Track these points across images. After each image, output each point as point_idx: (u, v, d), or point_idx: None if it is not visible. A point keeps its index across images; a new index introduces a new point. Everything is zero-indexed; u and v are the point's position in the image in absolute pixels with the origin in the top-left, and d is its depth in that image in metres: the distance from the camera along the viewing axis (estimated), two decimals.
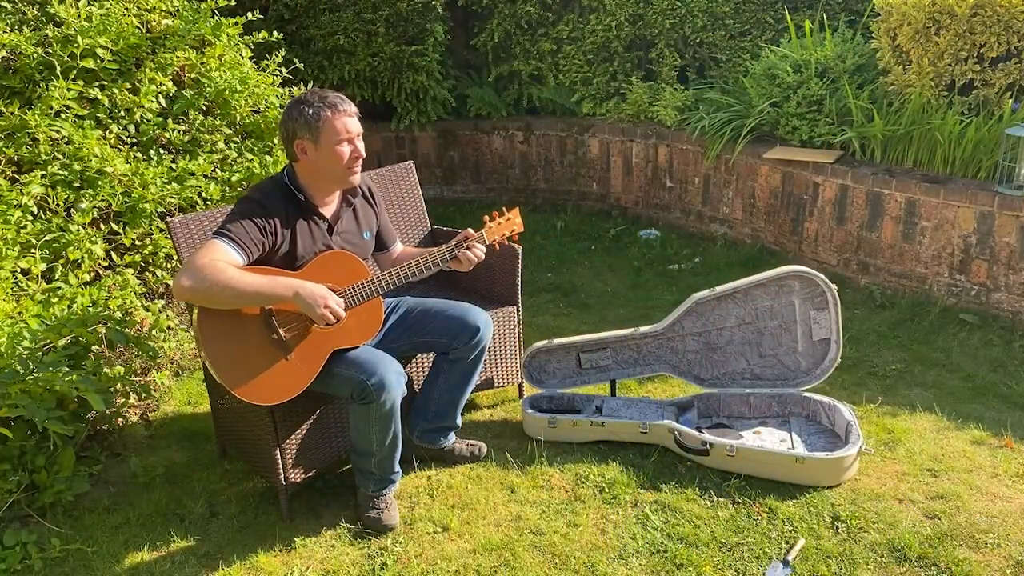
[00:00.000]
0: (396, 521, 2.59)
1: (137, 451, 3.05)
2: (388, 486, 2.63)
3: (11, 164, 3.16)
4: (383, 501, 2.61)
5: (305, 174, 2.48)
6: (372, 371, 2.41)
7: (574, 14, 5.62)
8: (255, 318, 2.37)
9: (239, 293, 2.26)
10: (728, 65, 5.26)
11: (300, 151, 2.42)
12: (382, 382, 2.40)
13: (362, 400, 2.43)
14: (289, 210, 2.45)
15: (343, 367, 2.46)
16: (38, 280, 2.99)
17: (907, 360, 3.61)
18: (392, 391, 2.43)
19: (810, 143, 4.52)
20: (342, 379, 2.46)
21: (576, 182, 5.78)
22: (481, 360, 2.78)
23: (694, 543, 2.48)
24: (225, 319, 2.32)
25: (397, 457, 2.61)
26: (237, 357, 2.33)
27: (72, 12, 3.39)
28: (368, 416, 2.46)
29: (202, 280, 2.22)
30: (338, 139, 2.41)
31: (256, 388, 2.34)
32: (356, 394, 2.43)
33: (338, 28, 5.46)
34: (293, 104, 2.42)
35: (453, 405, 2.82)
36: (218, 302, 2.28)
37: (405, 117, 5.73)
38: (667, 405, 3.10)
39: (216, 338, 2.31)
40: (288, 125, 2.42)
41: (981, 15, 3.90)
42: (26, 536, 2.54)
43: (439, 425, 2.84)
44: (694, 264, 4.79)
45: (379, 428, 2.49)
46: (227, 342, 2.32)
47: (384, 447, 2.54)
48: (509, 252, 3.16)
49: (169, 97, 3.58)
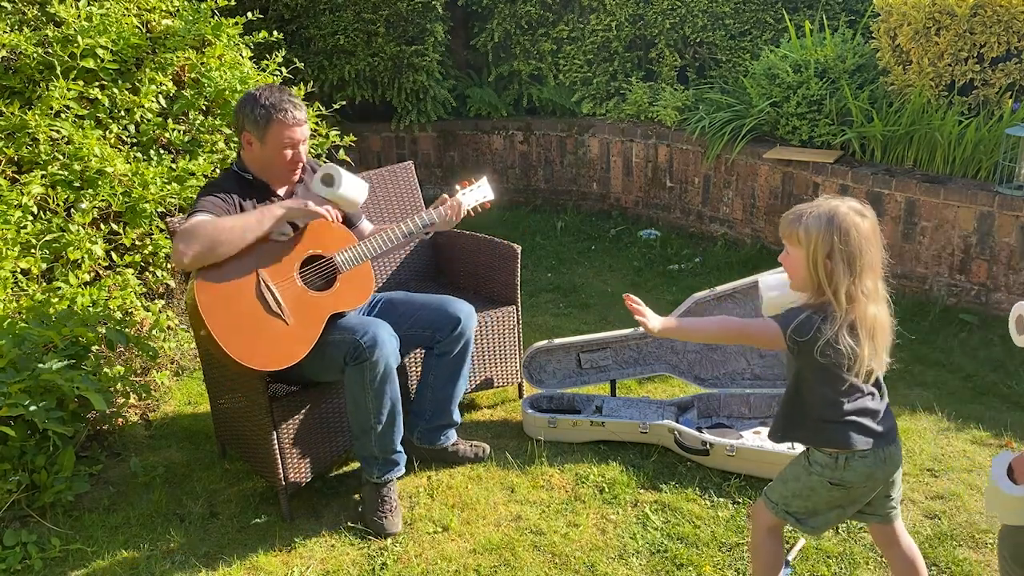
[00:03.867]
0: (399, 528, 2.59)
1: (137, 451, 3.05)
2: (392, 469, 2.62)
3: (11, 164, 3.16)
4: (387, 503, 2.60)
5: (251, 162, 2.60)
6: (364, 330, 2.47)
7: (574, 14, 5.62)
8: (251, 288, 2.41)
9: (236, 230, 2.37)
10: (728, 65, 5.26)
11: (246, 142, 2.55)
12: (374, 339, 2.45)
13: (356, 360, 2.45)
14: (244, 190, 2.56)
15: (336, 332, 2.50)
16: (38, 280, 2.99)
17: (907, 360, 3.61)
18: (384, 347, 2.46)
19: (810, 143, 4.53)
20: (335, 344, 2.49)
21: (576, 182, 5.78)
22: (467, 353, 2.79)
23: (694, 543, 2.48)
24: (222, 292, 2.36)
25: (398, 434, 2.60)
26: (239, 326, 2.36)
27: (72, 12, 3.39)
28: (363, 380, 2.47)
29: (200, 236, 2.32)
30: (282, 145, 2.52)
31: (261, 355, 2.37)
32: (349, 355, 2.46)
33: (338, 28, 5.46)
34: (249, 98, 2.52)
35: (447, 402, 2.82)
36: (224, 248, 2.35)
37: (405, 117, 5.73)
38: (667, 405, 3.10)
39: (216, 310, 2.34)
40: (239, 116, 2.55)
41: (981, 15, 3.90)
42: (26, 536, 2.54)
43: (437, 424, 2.84)
44: (694, 264, 4.80)
45: (376, 396, 2.50)
46: (227, 314, 2.36)
47: (383, 419, 2.53)
48: (509, 252, 3.16)
49: (169, 97, 3.58)
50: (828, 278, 1.78)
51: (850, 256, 1.76)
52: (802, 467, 1.95)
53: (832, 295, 1.78)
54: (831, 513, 1.98)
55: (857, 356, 1.80)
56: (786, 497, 1.97)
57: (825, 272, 1.78)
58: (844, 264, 1.77)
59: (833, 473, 1.90)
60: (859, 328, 1.80)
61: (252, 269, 2.42)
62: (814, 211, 1.80)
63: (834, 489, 1.90)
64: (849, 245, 1.76)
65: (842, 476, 1.88)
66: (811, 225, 1.78)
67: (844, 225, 1.76)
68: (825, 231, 1.77)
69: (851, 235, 1.76)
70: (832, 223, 1.76)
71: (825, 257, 1.77)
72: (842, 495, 1.93)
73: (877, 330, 1.82)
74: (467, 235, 3.37)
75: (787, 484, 1.97)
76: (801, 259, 1.81)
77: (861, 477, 1.90)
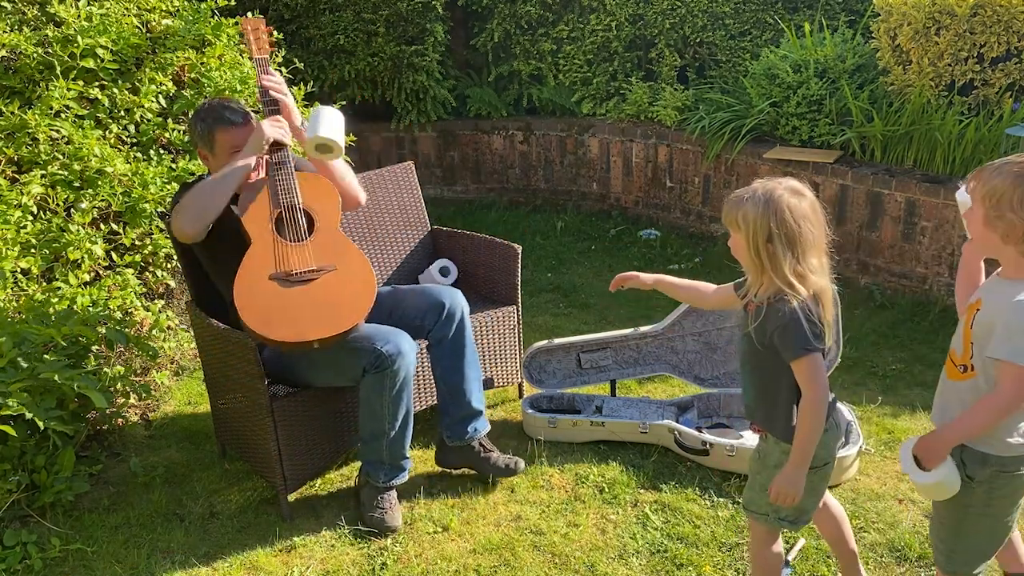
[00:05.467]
0: (399, 523, 2.59)
1: (137, 451, 3.05)
2: (398, 474, 2.64)
3: (11, 164, 3.16)
4: (387, 501, 2.61)
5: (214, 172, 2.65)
6: (386, 339, 2.49)
7: (574, 14, 5.62)
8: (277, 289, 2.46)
9: (210, 182, 2.50)
10: (728, 65, 5.26)
11: (202, 158, 2.69)
12: (397, 348, 2.48)
13: (376, 368, 2.46)
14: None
15: (355, 341, 2.50)
16: (38, 280, 2.99)
17: (907, 360, 3.61)
18: (406, 357, 2.50)
19: (810, 143, 4.53)
20: (356, 351, 2.49)
21: (576, 182, 5.78)
22: (465, 335, 2.79)
23: (694, 543, 2.48)
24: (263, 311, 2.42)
25: (407, 441, 2.62)
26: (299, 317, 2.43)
27: (72, 12, 3.39)
28: (382, 388, 2.49)
29: (186, 207, 2.48)
30: (231, 149, 2.60)
31: (347, 311, 2.46)
32: (370, 363, 2.47)
33: (338, 28, 5.46)
34: (193, 117, 2.65)
35: (460, 390, 2.79)
36: (212, 200, 2.47)
37: (405, 117, 5.73)
38: (667, 405, 3.10)
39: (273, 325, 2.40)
40: (191, 137, 2.71)
41: (981, 15, 3.90)
42: (26, 536, 2.54)
43: (459, 416, 2.81)
44: (694, 264, 4.80)
45: (392, 402, 2.52)
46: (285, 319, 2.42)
47: (396, 425, 2.55)
48: (509, 252, 3.16)
49: (169, 97, 3.58)
50: (771, 260, 1.78)
51: (789, 237, 1.77)
52: (770, 468, 1.95)
53: (778, 278, 1.78)
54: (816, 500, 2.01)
55: (827, 327, 1.82)
56: (772, 504, 1.97)
57: (767, 255, 1.79)
58: (784, 246, 1.77)
59: None
60: (821, 300, 1.82)
61: (264, 277, 2.46)
62: (752, 195, 1.81)
63: (812, 474, 1.91)
64: (787, 227, 1.76)
65: (815, 456, 1.89)
66: (749, 210, 1.79)
67: (780, 207, 1.76)
68: (763, 215, 1.77)
69: (787, 217, 1.76)
70: (769, 206, 1.77)
71: (766, 241, 1.78)
72: (820, 476, 1.95)
73: (829, 304, 1.85)
74: (467, 235, 3.37)
75: (765, 492, 1.97)
76: (743, 244, 1.83)
77: (830, 450, 1.94)
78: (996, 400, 1.70)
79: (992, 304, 1.74)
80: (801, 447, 1.86)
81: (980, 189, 1.70)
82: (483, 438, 2.83)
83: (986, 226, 1.73)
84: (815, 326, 1.79)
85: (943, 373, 1.88)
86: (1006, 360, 1.66)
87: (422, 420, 3.15)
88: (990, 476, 1.79)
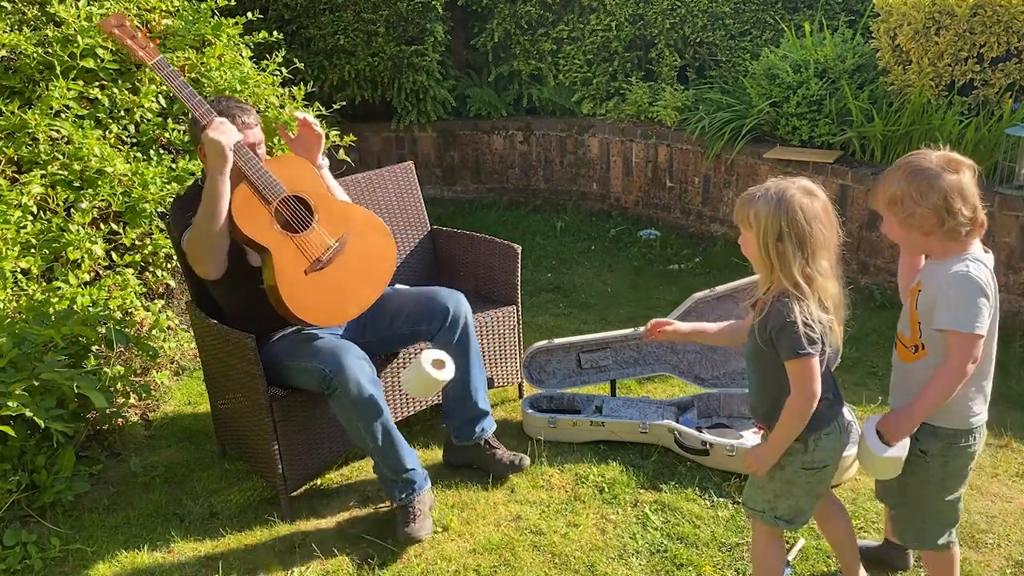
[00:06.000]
0: (425, 532, 2.52)
1: (137, 451, 3.05)
2: (411, 489, 2.56)
3: (11, 164, 3.16)
4: (411, 514, 2.53)
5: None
6: (329, 358, 2.47)
7: (574, 14, 5.62)
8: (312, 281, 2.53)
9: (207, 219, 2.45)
10: (728, 65, 5.26)
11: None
12: (339, 366, 2.44)
13: (328, 390, 2.47)
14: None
15: (303, 359, 2.52)
16: (38, 280, 2.99)
17: None
18: (349, 372, 2.44)
19: (810, 143, 4.52)
20: (305, 372, 2.51)
21: (576, 182, 5.78)
22: (470, 338, 2.79)
23: (694, 543, 2.48)
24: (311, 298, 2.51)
25: (404, 454, 2.55)
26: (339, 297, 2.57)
27: (72, 12, 3.39)
28: (342, 407, 2.49)
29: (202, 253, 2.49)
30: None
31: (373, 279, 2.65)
32: (322, 385, 2.47)
33: (338, 28, 5.45)
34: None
35: (467, 392, 2.79)
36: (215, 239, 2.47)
37: (405, 117, 5.72)
38: (667, 405, 3.10)
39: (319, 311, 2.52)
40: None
41: (981, 15, 3.90)
42: (26, 536, 2.54)
43: (466, 417, 2.81)
44: (694, 264, 4.80)
45: (361, 419, 2.48)
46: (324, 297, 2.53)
47: (378, 440, 2.50)
48: (509, 252, 3.16)
49: (169, 97, 3.58)
50: (780, 260, 1.79)
51: (800, 237, 1.77)
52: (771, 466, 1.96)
53: (786, 278, 1.79)
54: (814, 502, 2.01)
55: (831, 332, 1.84)
56: (769, 501, 1.98)
57: (777, 254, 1.79)
58: (794, 246, 1.78)
59: (804, 458, 1.92)
60: (826, 303, 1.83)
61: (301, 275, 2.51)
62: (764, 194, 1.81)
63: (809, 475, 1.93)
64: (798, 227, 1.77)
65: (813, 458, 1.91)
66: (760, 208, 1.80)
67: (792, 207, 1.77)
68: (774, 214, 1.78)
69: (799, 217, 1.76)
70: (780, 205, 1.77)
71: (776, 240, 1.78)
72: (818, 478, 1.96)
73: (838, 306, 1.87)
74: (467, 235, 3.37)
75: (764, 488, 1.98)
76: (753, 242, 1.83)
77: (831, 453, 1.94)
78: (948, 369, 1.82)
79: (931, 283, 1.86)
80: (776, 441, 1.90)
81: (881, 199, 1.85)
82: (490, 436, 2.85)
83: (903, 228, 1.85)
84: (813, 330, 1.79)
85: (894, 358, 1.99)
86: (951, 329, 1.80)
87: (422, 420, 3.15)
88: (942, 449, 1.91)
